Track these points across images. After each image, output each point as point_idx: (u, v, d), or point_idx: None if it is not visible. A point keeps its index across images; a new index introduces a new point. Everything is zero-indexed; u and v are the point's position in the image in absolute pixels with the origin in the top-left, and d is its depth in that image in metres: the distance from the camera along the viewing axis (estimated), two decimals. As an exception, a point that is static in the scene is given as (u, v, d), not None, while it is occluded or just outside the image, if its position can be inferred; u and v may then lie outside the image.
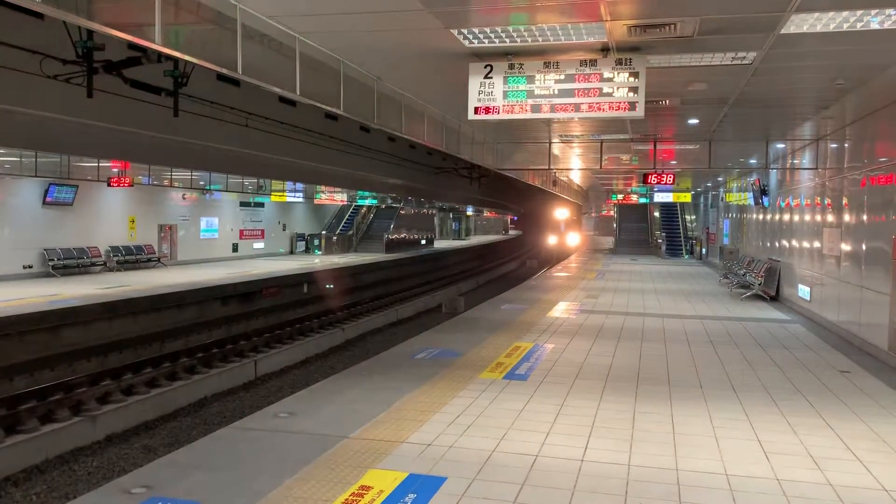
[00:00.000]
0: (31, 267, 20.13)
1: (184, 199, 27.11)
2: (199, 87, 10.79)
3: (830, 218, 12.14)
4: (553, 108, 7.27)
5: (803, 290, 13.90)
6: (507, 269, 43.78)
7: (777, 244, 16.87)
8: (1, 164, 17.84)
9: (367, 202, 37.96)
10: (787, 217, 15.91)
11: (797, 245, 14.68)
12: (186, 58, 5.86)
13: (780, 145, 15.10)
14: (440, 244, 50.16)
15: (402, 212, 42.00)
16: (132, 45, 8.67)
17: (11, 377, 11.72)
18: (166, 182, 24.80)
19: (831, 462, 5.29)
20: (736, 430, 6.06)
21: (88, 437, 9.48)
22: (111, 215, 23.59)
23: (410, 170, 22.27)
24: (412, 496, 4.49)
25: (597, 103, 7.13)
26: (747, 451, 5.53)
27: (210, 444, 5.54)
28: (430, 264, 38.35)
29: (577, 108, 7.20)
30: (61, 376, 11.86)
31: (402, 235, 41.19)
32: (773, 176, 17.64)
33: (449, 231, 63.52)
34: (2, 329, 12.74)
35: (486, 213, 76.16)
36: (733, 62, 7.75)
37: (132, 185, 21.96)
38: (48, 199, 20.58)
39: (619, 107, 7.08)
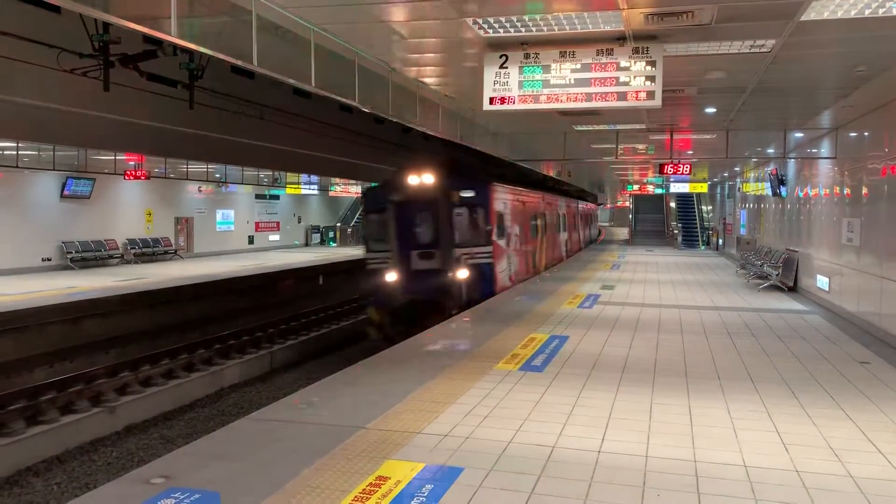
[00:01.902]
0: (49, 260, 20.33)
1: (200, 191, 27.26)
2: (215, 79, 10.82)
3: (850, 208, 12.00)
4: (569, 98, 7.22)
5: (822, 281, 13.76)
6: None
7: (795, 234, 16.71)
8: (20, 158, 18.00)
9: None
10: (805, 207, 15.75)
11: (816, 235, 14.53)
12: (202, 50, 5.87)
13: (799, 134, 14.93)
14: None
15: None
16: (148, 39, 8.71)
17: (31, 369, 11.87)
18: (183, 175, 24.94)
19: (851, 454, 5.24)
20: (754, 422, 6.01)
21: (108, 428, 9.60)
22: (129, 208, 23.77)
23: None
24: (429, 487, 4.49)
25: (613, 93, 7.08)
26: (766, 442, 5.49)
27: (228, 434, 5.57)
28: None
29: (593, 97, 7.14)
30: (80, 368, 11.98)
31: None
32: (791, 165, 17.46)
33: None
34: (21, 321, 12.89)
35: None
36: (751, 50, 7.65)
37: (148, 178, 22.11)
38: (66, 193, 20.77)
39: (635, 96, 7.03)
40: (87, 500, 4.32)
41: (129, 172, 21.28)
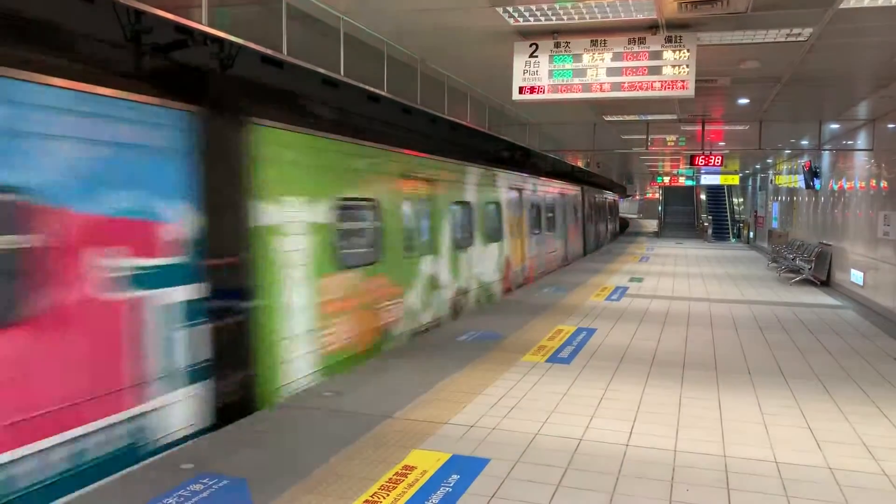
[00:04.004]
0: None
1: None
2: (244, 69, 10.86)
3: (887, 201, 11.74)
4: (600, 88, 7.13)
5: (856, 275, 13.51)
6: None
7: (829, 228, 16.41)
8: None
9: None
10: (839, 200, 15.46)
11: (850, 229, 14.26)
12: (233, 39, 5.88)
13: (834, 126, 14.63)
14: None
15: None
16: (178, 28, 8.77)
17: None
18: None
19: (887, 452, 5.13)
20: (786, 418, 5.92)
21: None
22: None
23: (450, 152, 22.20)
24: (455, 477, 4.49)
25: (645, 82, 6.97)
26: (798, 438, 5.40)
27: (256, 421, 5.62)
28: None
29: (625, 87, 7.05)
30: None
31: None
32: (826, 158, 17.12)
33: (490, 214, 63.11)
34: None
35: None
36: (788, 39, 7.49)
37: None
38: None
39: (668, 86, 6.92)
40: (118, 483, 4.38)
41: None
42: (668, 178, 32.56)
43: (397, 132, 12.18)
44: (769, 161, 25.47)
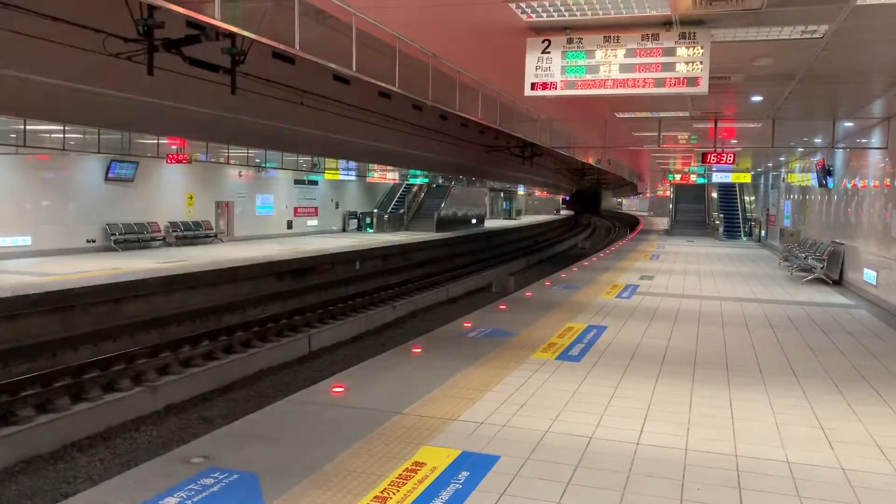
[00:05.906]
0: (94, 241, 20.75)
1: (240, 175, 27.55)
2: (256, 64, 10.86)
3: (901, 200, 11.64)
4: (613, 84, 7.09)
5: (869, 275, 13.40)
6: (559, 249, 43.35)
7: (841, 227, 16.28)
8: (66, 142, 18.37)
9: (419, 181, 38.03)
10: (853, 199, 15.33)
11: (863, 228, 14.14)
12: (244, 33, 5.88)
13: (848, 124, 14.50)
14: (491, 223, 49.94)
15: (453, 191, 41.82)
16: (191, 24, 8.78)
17: (76, 347, 12.14)
18: (223, 159, 25.22)
19: (900, 453, 5.09)
20: (798, 417, 5.88)
21: (149, 407, 9.76)
22: (170, 192, 24.12)
23: (462, 148, 22.19)
24: (465, 474, 4.48)
25: (658, 79, 6.93)
26: (810, 438, 5.37)
27: (266, 416, 5.63)
28: (481, 243, 38.26)
29: (637, 83, 7.00)
30: (123, 347, 12.22)
31: (453, 214, 41.10)
32: (839, 156, 16.99)
33: (500, 210, 63.13)
34: (67, 301, 13.20)
35: (538, 193, 75.57)
36: (803, 36, 7.42)
37: (189, 162, 22.39)
38: (110, 176, 21.15)
39: (681, 82, 6.87)
40: (130, 476, 4.40)
41: (171, 156, 21.58)
42: (680, 175, 32.38)
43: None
44: (782, 159, 25.29)
